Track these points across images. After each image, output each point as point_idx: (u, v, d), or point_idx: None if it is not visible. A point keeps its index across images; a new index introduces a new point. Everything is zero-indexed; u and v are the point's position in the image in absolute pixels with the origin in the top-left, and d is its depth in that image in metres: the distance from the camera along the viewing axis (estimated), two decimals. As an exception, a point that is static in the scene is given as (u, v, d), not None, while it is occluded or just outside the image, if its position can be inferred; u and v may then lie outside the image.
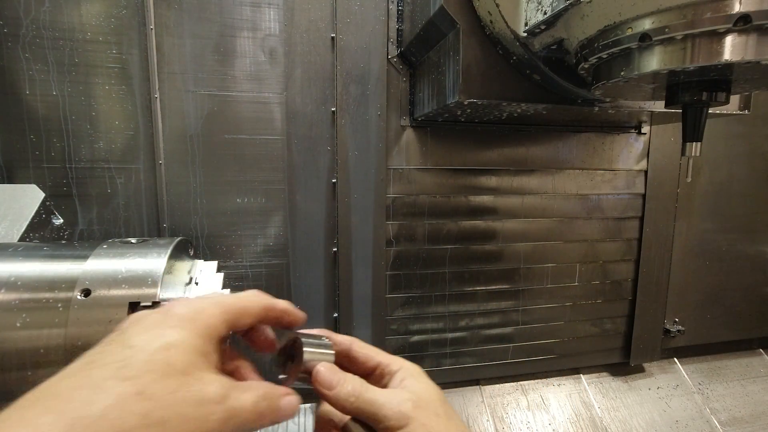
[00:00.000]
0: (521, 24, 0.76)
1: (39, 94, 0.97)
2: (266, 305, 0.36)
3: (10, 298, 0.48)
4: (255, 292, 0.36)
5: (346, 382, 0.35)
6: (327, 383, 0.35)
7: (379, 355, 0.40)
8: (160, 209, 1.05)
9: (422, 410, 0.34)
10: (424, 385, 0.37)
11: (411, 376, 0.37)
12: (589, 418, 1.35)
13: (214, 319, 0.31)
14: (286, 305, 0.38)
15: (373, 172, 1.16)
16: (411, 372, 0.38)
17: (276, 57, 1.09)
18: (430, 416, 0.34)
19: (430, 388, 0.37)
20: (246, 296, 0.35)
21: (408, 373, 0.38)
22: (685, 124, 0.74)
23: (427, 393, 0.36)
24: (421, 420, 0.33)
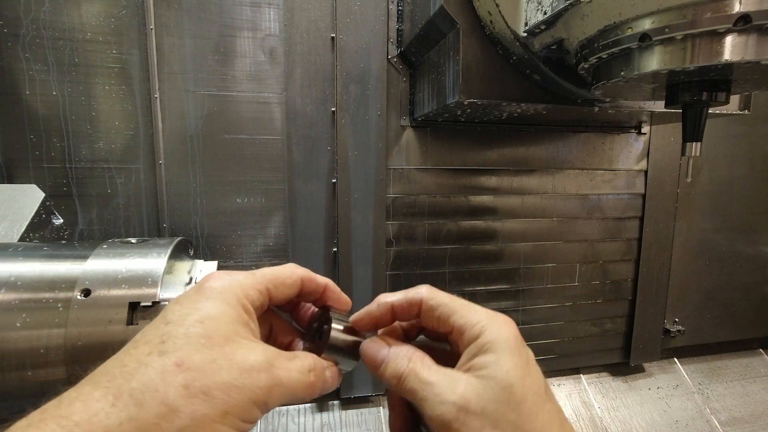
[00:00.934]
0: (521, 24, 0.76)
1: (39, 94, 0.97)
2: (304, 276, 0.34)
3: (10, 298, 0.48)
4: (292, 265, 0.35)
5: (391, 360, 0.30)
6: (372, 362, 0.31)
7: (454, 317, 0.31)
8: (160, 209, 1.05)
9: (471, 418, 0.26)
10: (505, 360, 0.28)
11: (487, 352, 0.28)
12: (589, 418, 1.35)
13: (248, 288, 0.30)
14: (327, 281, 0.36)
15: (373, 172, 1.16)
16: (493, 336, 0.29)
17: (276, 57, 1.09)
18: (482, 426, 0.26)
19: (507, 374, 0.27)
20: (282, 267, 0.34)
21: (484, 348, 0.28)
22: (685, 124, 0.73)
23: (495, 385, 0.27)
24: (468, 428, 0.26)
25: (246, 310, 0.30)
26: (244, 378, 0.26)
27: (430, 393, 0.27)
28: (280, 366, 0.28)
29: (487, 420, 0.26)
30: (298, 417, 1.19)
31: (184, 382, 0.24)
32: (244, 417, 0.26)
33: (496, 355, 0.28)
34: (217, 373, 0.25)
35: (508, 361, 0.28)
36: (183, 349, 0.26)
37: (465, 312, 0.31)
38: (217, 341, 0.26)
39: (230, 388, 0.25)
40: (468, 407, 0.26)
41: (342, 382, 0.34)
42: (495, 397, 0.26)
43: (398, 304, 0.34)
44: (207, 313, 0.28)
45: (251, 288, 0.31)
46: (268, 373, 0.27)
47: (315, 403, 1.22)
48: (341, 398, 1.21)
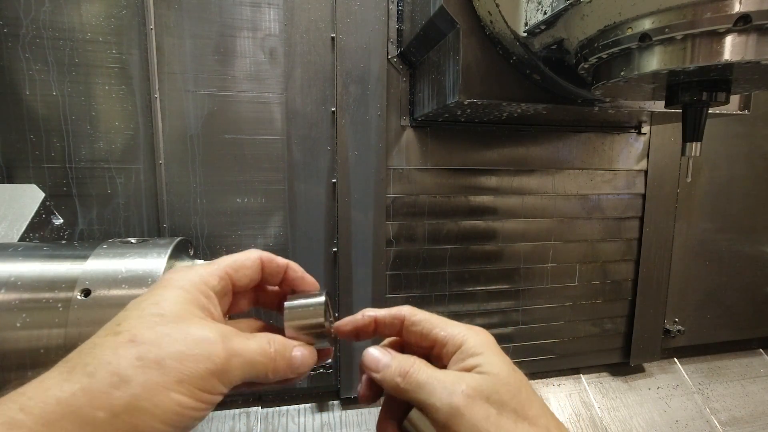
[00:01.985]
0: (521, 24, 0.76)
1: (39, 94, 0.97)
2: (263, 257, 0.35)
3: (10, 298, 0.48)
4: (251, 249, 0.36)
5: (394, 363, 0.32)
6: (373, 366, 0.32)
7: (440, 324, 0.34)
8: (160, 209, 1.05)
9: (478, 405, 0.28)
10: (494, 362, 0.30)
11: (478, 353, 0.31)
12: (589, 418, 1.35)
13: (206, 276, 0.31)
14: (287, 261, 0.37)
15: (373, 172, 1.16)
16: (477, 343, 0.31)
17: (276, 57, 1.09)
18: (488, 413, 0.28)
19: (501, 372, 0.30)
20: (241, 252, 0.35)
21: (473, 345, 0.31)
22: (685, 124, 0.73)
23: (495, 379, 0.29)
24: (473, 419, 0.27)
25: (205, 295, 0.30)
26: (199, 348, 0.27)
27: (438, 385, 0.29)
28: (237, 340, 0.29)
29: (493, 407, 0.28)
30: (298, 417, 1.19)
31: (137, 354, 0.25)
32: (202, 386, 0.26)
33: (484, 356, 0.31)
34: (171, 345, 0.26)
35: (496, 360, 0.31)
36: (136, 328, 0.27)
37: (445, 325, 0.34)
38: (171, 319, 0.28)
39: (184, 357, 0.26)
40: (475, 396, 0.28)
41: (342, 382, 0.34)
42: (496, 388, 0.29)
43: (381, 318, 0.37)
44: (162, 296, 0.29)
45: (209, 275, 0.32)
46: (223, 344, 0.28)
47: (315, 403, 1.22)
48: (341, 398, 1.21)
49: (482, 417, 0.28)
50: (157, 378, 0.25)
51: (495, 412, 0.28)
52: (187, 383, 0.26)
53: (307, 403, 1.22)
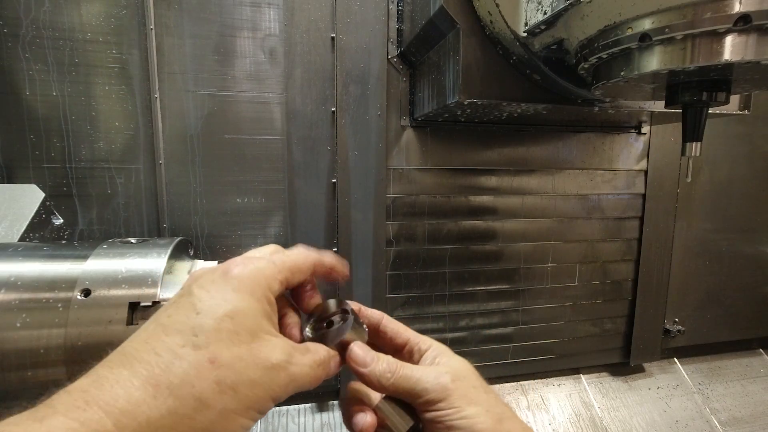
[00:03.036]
0: (521, 24, 0.76)
1: (39, 94, 0.97)
2: (316, 261, 0.36)
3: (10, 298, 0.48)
4: (303, 248, 0.36)
5: (381, 359, 0.36)
6: (361, 361, 0.36)
7: (407, 332, 0.41)
8: (160, 209, 1.05)
9: (461, 382, 0.35)
10: (458, 362, 0.38)
11: (443, 354, 0.39)
12: (589, 418, 1.35)
13: (271, 279, 0.32)
14: (332, 260, 0.38)
15: (373, 172, 1.16)
16: (442, 350, 0.39)
17: (276, 57, 1.09)
18: (468, 388, 0.35)
19: (463, 363, 0.38)
20: (297, 253, 0.36)
21: (439, 351, 0.39)
22: (685, 124, 0.73)
23: (462, 368, 0.38)
24: (460, 391, 0.35)
25: (269, 302, 0.32)
26: (267, 376, 0.29)
27: (424, 373, 0.36)
28: (296, 362, 0.31)
29: (471, 385, 0.36)
30: (298, 417, 1.19)
31: (216, 378, 0.27)
32: (262, 410, 0.29)
33: (446, 356, 0.39)
34: (244, 372, 0.28)
35: (456, 360, 0.39)
36: (214, 345, 0.28)
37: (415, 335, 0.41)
38: (245, 338, 0.29)
39: (254, 385, 0.28)
40: (457, 378, 0.36)
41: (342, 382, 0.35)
42: (467, 374, 0.37)
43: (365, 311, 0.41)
44: (236, 307, 0.29)
45: (273, 279, 0.32)
46: (286, 372, 0.30)
47: (315, 403, 1.22)
48: (341, 398, 1.21)
49: (467, 389, 0.35)
50: (232, 405, 0.27)
51: (473, 387, 0.36)
52: (252, 409, 0.28)
53: (307, 403, 1.22)
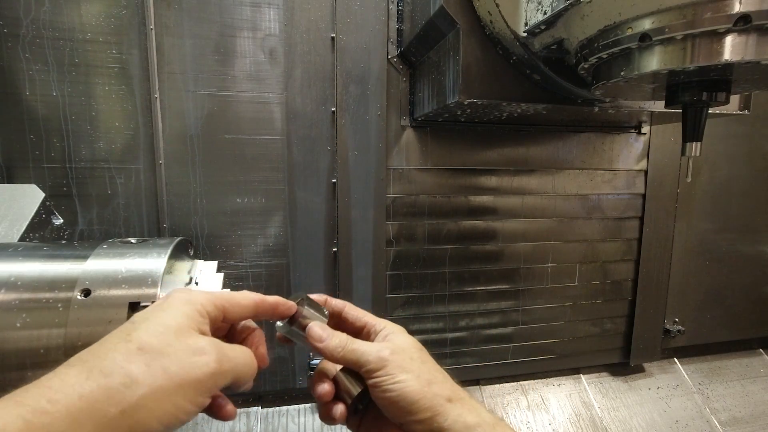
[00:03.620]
0: (521, 24, 0.76)
1: (39, 94, 0.97)
2: (256, 300, 0.42)
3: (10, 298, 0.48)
4: (246, 291, 0.42)
5: (334, 336, 0.43)
6: (318, 337, 0.43)
7: (366, 316, 0.48)
8: (160, 209, 1.05)
9: (398, 355, 0.42)
10: (403, 339, 0.45)
11: (392, 333, 0.45)
12: (589, 418, 1.35)
13: (205, 302, 0.37)
14: (276, 299, 0.43)
15: (373, 172, 1.16)
16: (393, 330, 0.46)
17: (276, 57, 1.09)
18: (405, 359, 0.42)
19: (408, 340, 0.45)
20: (237, 292, 0.41)
21: (390, 331, 0.45)
22: (685, 124, 0.74)
23: (404, 343, 0.44)
24: (396, 362, 0.41)
25: (201, 314, 0.36)
26: (196, 357, 0.32)
27: (368, 348, 0.42)
28: (227, 350, 0.35)
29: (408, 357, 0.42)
30: (298, 417, 1.19)
31: (145, 360, 0.31)
32: (199, 390, 0.32)
33: (396, 335, 0.45)
34: (173, 354, 0.32)
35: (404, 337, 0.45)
36: (143, 338, 0.32)
37: (372, 318, 0.48)
38: (173, 331, 0.33)
39: (185, 364, 0.32)
40: (395, 351, 0.42)
41: None
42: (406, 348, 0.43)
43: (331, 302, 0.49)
44: (167, 314, 0.35)
45: (207, 300, 0.37)
46: (216, 354, 0.34)
47: (315, 403, 1.21)
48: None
49: (403, 360, 0.41)
50: (161, 381, 0.30)
51: (410, 358, 0.42)
52: (186, 387, 0.31)
53: (307, 403, 1.22)
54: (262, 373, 0.42)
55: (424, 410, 0.40)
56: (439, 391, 0.41)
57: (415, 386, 0.40)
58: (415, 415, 0.40)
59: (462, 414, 0.40)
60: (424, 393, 0.40)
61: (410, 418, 0.40)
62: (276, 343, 0.47)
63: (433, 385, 0.41)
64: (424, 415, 0.40)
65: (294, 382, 1.19)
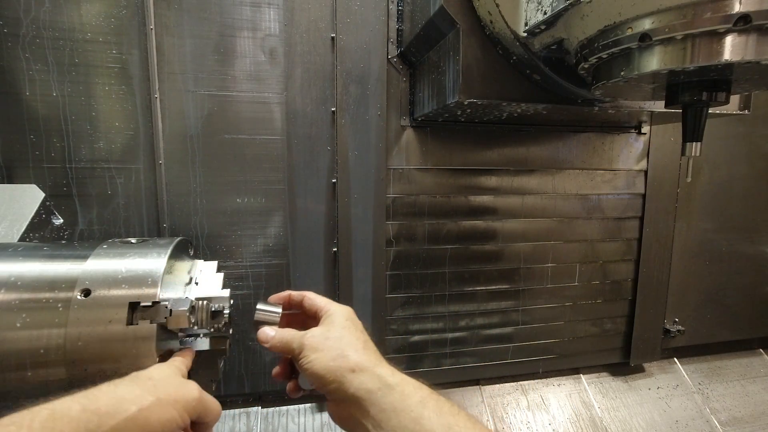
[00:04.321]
0: (521, 24, 0.76)
1: (39, 94, 0.97)
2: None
3: (10, 298, 0.48)
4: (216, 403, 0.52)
5: (276, 334, 0.55)
6: (264, 338, 0.55)
7: (319, 303, 0.58)
8: (160, 209, 1.05)
9: (315, 338, 0.51)
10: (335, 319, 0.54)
11: (329, 315, 0.55)
12: (589, 418, 1.35)
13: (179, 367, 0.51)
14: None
15: (373, 172, 1.16)
16: (332, 311, 0.55)
17: (276, 57, 1.09)
18: (320, 341, 0.51)
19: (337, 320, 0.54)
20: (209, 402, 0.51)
21: (326, 315, 0.55)
22: (685, 124, 0.74)
23: (326, 326, 0.54)
24: (311, 344, 0.51)
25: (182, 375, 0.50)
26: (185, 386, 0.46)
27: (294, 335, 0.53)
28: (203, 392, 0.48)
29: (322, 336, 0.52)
30: (298, 417, 1.19)
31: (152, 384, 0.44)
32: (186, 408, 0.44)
33: (333, 315, 0.55)
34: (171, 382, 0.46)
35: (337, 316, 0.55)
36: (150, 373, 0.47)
37: (323, 302, 0.58)
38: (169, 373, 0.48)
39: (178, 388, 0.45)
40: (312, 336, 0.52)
41: None
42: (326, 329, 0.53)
43: (294, 295, 0.61)
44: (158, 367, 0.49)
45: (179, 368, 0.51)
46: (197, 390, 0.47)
47: (315, 403, 1.22)
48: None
49: (317, 342, 0.51)
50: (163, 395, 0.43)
51: (325, 339, 0.51)
52: (179, 403, 0.44)
53: (307, 403, 1.22)
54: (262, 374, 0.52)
55: (331, 381, 0.48)
56: (343, 363, 0.49)
57: (321, 362, 0.49)
58: (327, 386, 0.49)
59: (364, 381, 0.47)
60: (329, 367, 0.48)
61: (325, 389, 0.49)
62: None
63: (338, 359, 0.49)
64: (332, 385, 0.48)
65: (294, 382, 1.19)
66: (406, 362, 1.27)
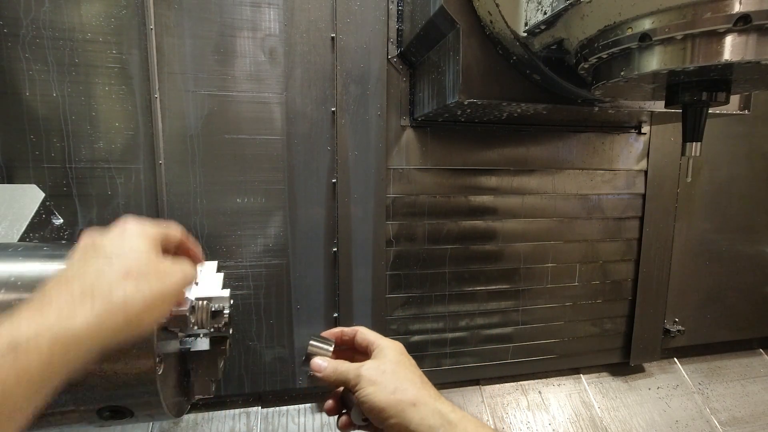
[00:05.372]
0: (521, 24, 0.76)
1: (39, 94, 0.97)
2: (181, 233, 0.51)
3: (10, 298, 0.48)
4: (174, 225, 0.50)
5: (330, 365, 0.54)
6: (317, 368, 0.54)
7: (370, 337, 0.58)
8: (160, 209, 1.05)
9: (372, 370, 0.51)
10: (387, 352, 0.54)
11: (381, 349, 0.55)
12: (589, 418, 1.35)
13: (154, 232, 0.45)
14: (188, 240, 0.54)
15: (373, 172, 1.16)
16: (384, 346, 0.55)
17: (276, 57, 1.09)
18: (376, 373, 0.50)
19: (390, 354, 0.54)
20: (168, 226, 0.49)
21: (379, 349, 0.55)
22: (685, 124, 0.74)
23: (386, 357, 0.53)
24: (367, 377, 0.50)
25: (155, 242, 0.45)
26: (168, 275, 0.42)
27: (349, 367, 0.52)
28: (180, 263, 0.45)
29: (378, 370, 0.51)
30: (298, 417, 1.19)
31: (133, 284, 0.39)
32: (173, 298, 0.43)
33: (386, 349, 0.55)
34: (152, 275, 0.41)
35: (391, 351, 0.55)
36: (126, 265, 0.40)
37: (374, 338, 0.57)
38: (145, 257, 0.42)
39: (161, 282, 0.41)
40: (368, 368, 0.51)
41: None
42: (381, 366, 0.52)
43: (346, 330, 0.60)
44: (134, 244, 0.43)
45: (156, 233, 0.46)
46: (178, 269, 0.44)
47: (315, 403, 1.22)
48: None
49: (375, 375, 0.50)
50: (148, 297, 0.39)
51: (381, 372, 0.51)
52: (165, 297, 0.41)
53: (307, 403, 1.22)
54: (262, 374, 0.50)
55: (392, 415, 0.47)
56: (403, 397, 0.48)
57: (380, 395, 0.48)
58: (387, 420, 0.48)
59: (425, 417, 0.47)
60: (389, 401, 0.48)
61: (385, 423, 0.48)
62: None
63: (398, 392, 0.49)
64: (393, 419, 0.47)
65: (294, 382, 1.19)
66: (406, 362, 1.26)
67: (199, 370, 0.62)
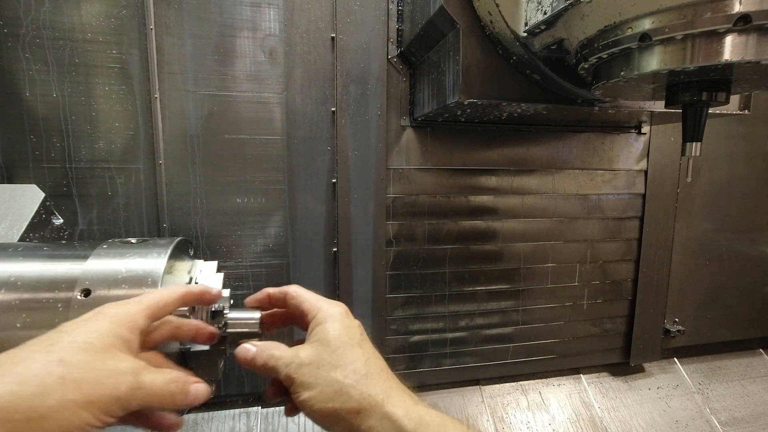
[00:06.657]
0: (521, 24, 0.76)
1: (39, 94, 0.97)
2: (183, 293, 0.44)
3: (10, 298, 0.48)
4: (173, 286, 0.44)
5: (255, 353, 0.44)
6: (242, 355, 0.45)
7: (304, 303, 0.48)
8: (160, 209, 1.05)
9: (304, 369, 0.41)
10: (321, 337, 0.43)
11: (321, 324, 0.45)
12: (589, 418, 1.35)
13: (135, 314, 0.39)
14: (202, 288, 0.47)
15: (373, 172, 1.16)
16: (319, 322, 0.45)
17: (276, 57, 1.09)
18: (313, 373, 0.41)
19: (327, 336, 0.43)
20: (164, 290, 0.44)
21: (314, 325, 0.45)
22: (685, 124, 0.74)
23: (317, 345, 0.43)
24: (300, 379, 0.41)
25: (130, 330, 0.37)
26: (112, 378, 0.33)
27: (281, 363, 0.42)
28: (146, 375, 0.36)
29: (313, 366, 0.41)
30: (298, 417, 1.19)
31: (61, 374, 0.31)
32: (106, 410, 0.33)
33: (324, 324, 0.44)
34: (90, 371, 0.33)
35: (330, 327, 0.44)
36: (65, 351, 0.33)
37: (311, 299, 0.47)
38: (97, 349, 0.34)
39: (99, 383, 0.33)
40: (302, 362, 0.42)
41: None
42: (317, 352, 0.42)
43: (273, 293, 0.50)
44: (95, 328, 0.36)
45: (138, 315, 0.39)
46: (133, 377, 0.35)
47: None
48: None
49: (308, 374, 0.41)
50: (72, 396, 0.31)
51: (317, 369, 0.41)
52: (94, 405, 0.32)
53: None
54: None
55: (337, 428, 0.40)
56: (344, 404, 0.40)
57: (317, 405, 0.40)
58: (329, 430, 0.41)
59: (372, 427, 0.39)
60: (328, 411, 0.40)
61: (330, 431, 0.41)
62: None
63: (337, 398, 0.40)
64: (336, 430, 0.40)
65: (294, 382, 1.19)
66: (406, 362, 1.27)
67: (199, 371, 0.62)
